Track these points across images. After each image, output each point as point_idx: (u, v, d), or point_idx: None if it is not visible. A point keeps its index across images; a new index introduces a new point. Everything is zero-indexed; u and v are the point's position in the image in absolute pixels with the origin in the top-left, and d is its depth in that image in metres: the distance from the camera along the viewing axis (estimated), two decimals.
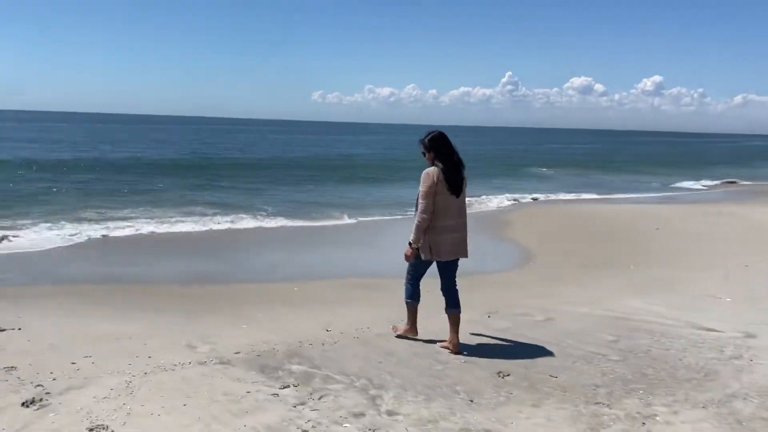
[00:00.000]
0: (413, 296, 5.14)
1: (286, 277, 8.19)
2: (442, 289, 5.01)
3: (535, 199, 20.12)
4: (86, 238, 10.77)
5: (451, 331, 4.94)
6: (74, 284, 7.67)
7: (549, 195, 21.31)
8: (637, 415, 3.75)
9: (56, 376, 4.16)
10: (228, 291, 7.48)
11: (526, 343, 5.17)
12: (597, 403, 3.93)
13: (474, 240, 5.06)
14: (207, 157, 34.66)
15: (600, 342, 5.19)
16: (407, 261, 4.96)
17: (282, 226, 12.90)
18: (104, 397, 3.83)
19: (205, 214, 13.67)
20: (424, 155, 4.90)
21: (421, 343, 5.12)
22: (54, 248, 10.06)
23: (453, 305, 4.98)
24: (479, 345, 5.10)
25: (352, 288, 7.48)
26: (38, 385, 3.98)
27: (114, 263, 9.13)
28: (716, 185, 28.08)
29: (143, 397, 3.85)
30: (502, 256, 9.70)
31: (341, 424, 3.57)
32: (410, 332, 5.20)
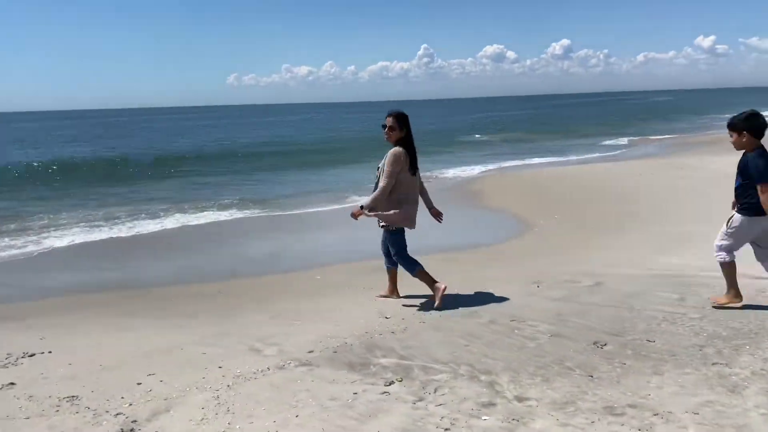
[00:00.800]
0: (415, 264, 5.45)
1: (299, 266, 7.75)
2: (393, 255, 5.48)
3: (493, 169, 20.31)
4: (50, 247, 9.78)
5: (391, 282, 5.73)
6: (83, 293, 6.94)
7: (502, 163, 21.48)
8: (763, 372, 3.70)
9: (130, 401, 3.66)
10: (247, 285, 6.98)
11: (596, 310, 5.06)
12: (715, 364, 3.85)
13: (463, 212, 5.30)
14: (143, 153, 31.48)
15: (668, 301, 5.15)
16: (354, 218, 5.42)
17: (262, 215, 12.29)
18: (202, 419, 3.40)
19: (185, 211, 12.78)
20: (387, 132, 5.24)
21: (489, 318, 4.93)
22: (27, 257, 9.13)
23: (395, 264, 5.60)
24: (552, 317, 4.94)
25: (372, 271, 7.18)
26: (118, 414, 3.49)
27: (106, 268, 8.38)
28: (641, 140, 29.31)
29: (245, 413, 3.45)
30: (500, 225, 9.60)
31: (479, 417, 3.31)
32: (440, 291, 5.35)
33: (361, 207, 5.32)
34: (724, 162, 14.71)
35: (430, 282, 5.41)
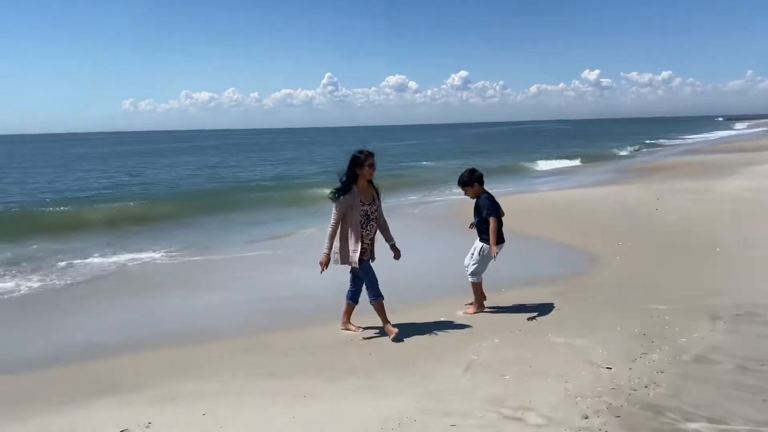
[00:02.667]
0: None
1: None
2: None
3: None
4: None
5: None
6: (185, 342, 5.71)
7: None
8: None
9: None
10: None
11: None
12: None
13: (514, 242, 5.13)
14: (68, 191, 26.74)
15: None
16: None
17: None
18: None
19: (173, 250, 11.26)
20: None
21: (733, 364, 4.40)
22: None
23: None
24: None
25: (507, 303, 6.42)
26: None
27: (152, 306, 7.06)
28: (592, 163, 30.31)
29: None
30: (564, 258, 9.03)
31: None
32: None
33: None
34: (723, 185, 15.26)
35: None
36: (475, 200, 6.27)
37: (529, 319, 5.88)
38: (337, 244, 5.59)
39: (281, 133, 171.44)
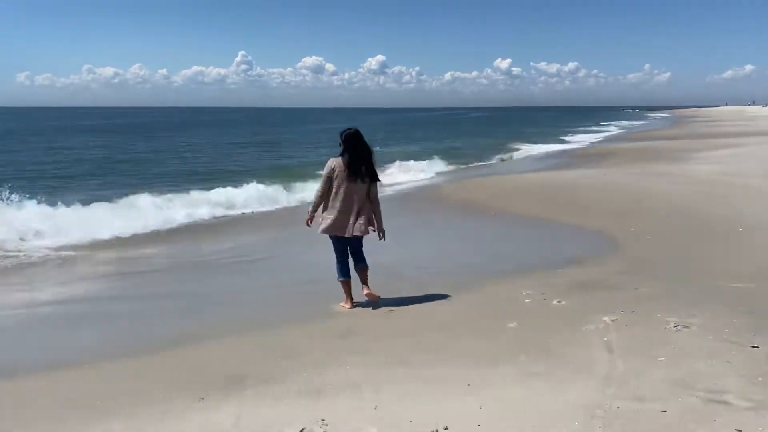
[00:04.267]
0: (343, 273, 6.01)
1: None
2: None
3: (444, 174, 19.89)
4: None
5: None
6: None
7: (439, 168, 21.11)
8: None
9: None
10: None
11: None
12: None
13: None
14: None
15: None
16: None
17: None
18: None
19: None
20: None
21: None
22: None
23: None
24: None
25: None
26: None
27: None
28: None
29: None
30: (588, 240, 9.02)
31: None
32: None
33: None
34: (692, 169, 15.96)
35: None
36: None
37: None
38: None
39: (197, 113, 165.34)
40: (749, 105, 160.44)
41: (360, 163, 5.74)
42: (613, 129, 56.95)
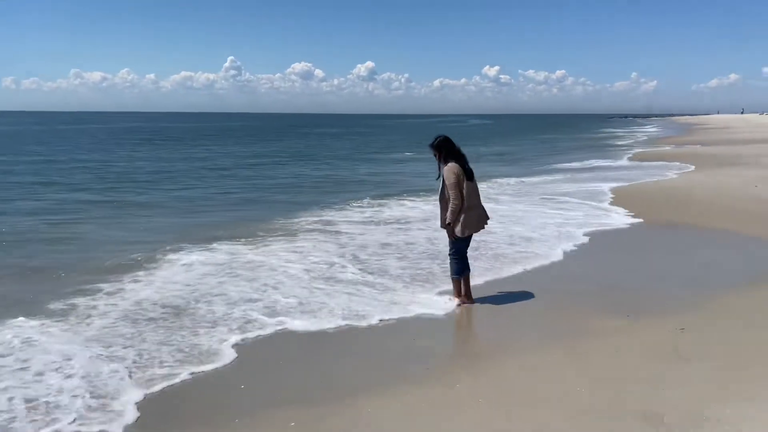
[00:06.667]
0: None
1: None
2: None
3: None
4: None
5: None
6: None
7: (523, 178, 20.21)
8: None
9: None
10: None
11: None
12: None
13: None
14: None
15: None
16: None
17: None
18: None
19: None
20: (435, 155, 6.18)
21: None
22: None
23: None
24: None
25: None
26: None
27: None
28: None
29: None
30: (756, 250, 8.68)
31: None
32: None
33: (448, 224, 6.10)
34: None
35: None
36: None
37: None
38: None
39: (185, 118, 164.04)
40: (741, 113, 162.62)
41: (468, 163, 6.14)
42: (640, 134, 56.79)
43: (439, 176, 6.15)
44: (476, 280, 6.82)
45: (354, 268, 7.71)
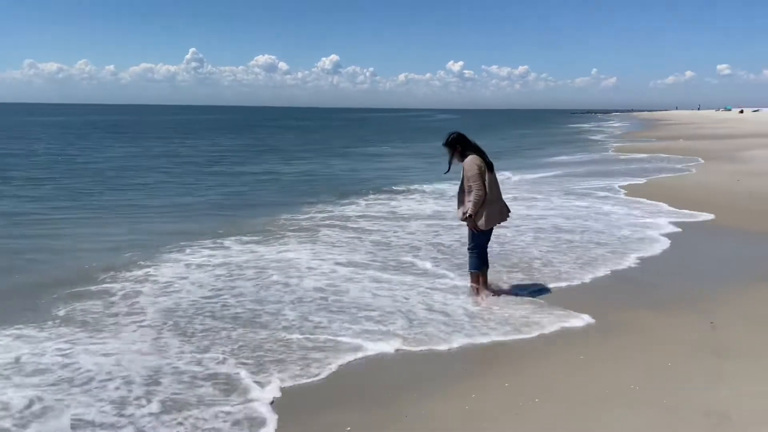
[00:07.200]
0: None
1: None
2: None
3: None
4: None
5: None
6: None
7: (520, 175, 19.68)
8: None
9: None
10: None
11: None
12: None
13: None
14: None
15: None
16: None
17: None
18: None
19: None
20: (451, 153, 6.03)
21: None
22: None
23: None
24: None
25: None
26: None
27: None
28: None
29: None
30: None
31: None
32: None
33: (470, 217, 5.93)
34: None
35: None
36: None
37: None
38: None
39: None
40: (698, 109, 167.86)
41: (487, 155, 6.05)
42: (609, 129, 57.52)
43: (447, 171, 6.19)
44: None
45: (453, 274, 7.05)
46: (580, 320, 5.50)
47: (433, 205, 12.13)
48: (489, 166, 5.99)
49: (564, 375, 4.41)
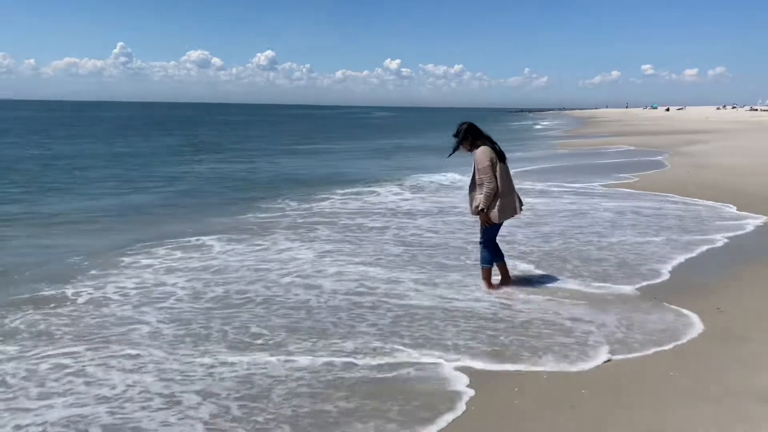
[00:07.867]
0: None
1: None
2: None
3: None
4: None
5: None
6: None
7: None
8: None
9: None
10: None
11: None
12: None
13: None
14: None
15: None
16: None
17: None
18: None
19: None
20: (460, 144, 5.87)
21: None
22: None
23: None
24: None
25: None
26: None
27: None
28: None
29: None
30: None
31: None
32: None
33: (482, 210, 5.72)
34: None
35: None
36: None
37: None
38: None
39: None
40: (626, 107, 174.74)
41: (497, 144, 5.89)
42: (551, 127, 57.89)
43: (449, 156, 6.08)
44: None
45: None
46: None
47: (414, 200, 11.98)
48: (500, 156, 5.79)
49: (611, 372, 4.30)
